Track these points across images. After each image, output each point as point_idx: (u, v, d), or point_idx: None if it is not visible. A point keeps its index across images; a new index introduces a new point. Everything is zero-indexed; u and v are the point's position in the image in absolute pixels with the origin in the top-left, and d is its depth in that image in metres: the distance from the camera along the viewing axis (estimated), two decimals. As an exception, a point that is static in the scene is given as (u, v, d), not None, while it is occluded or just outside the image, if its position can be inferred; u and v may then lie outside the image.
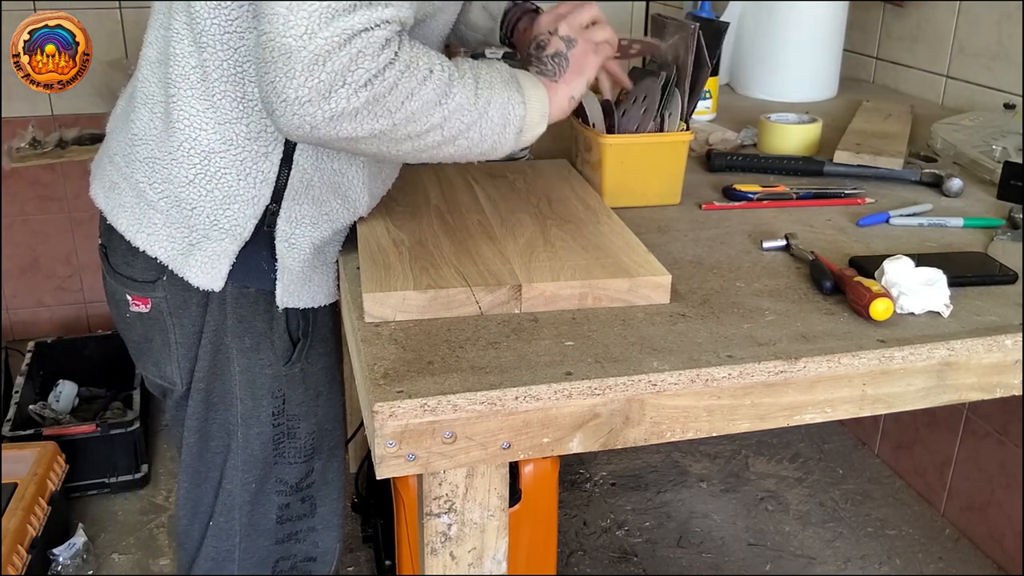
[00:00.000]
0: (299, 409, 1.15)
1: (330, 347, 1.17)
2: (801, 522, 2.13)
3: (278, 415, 1.14)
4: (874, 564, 2.00)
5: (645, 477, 2.29)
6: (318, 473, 1.21)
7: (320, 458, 1.21)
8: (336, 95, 0.81)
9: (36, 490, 1.90)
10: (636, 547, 2.04)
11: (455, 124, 0.90)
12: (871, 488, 2.26)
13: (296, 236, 1.04)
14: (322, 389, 1.17)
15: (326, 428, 1.20)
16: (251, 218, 1.01)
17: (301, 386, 1.14)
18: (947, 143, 1.53)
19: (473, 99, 0.91)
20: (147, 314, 1.10)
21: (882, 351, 0.87)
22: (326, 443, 1.21)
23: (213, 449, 1.17)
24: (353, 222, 1.09)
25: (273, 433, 1.15)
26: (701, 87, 1.24)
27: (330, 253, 1.09)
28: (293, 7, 0.79)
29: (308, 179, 1.01)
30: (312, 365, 1.14)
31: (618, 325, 0.90)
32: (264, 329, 1.09)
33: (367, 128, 0.85)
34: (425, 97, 0.87)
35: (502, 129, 0.94)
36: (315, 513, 1.23)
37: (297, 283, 1.06)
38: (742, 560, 2.01)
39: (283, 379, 1.12)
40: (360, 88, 0.82)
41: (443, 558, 0.87)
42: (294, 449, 1.17)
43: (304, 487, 1.21)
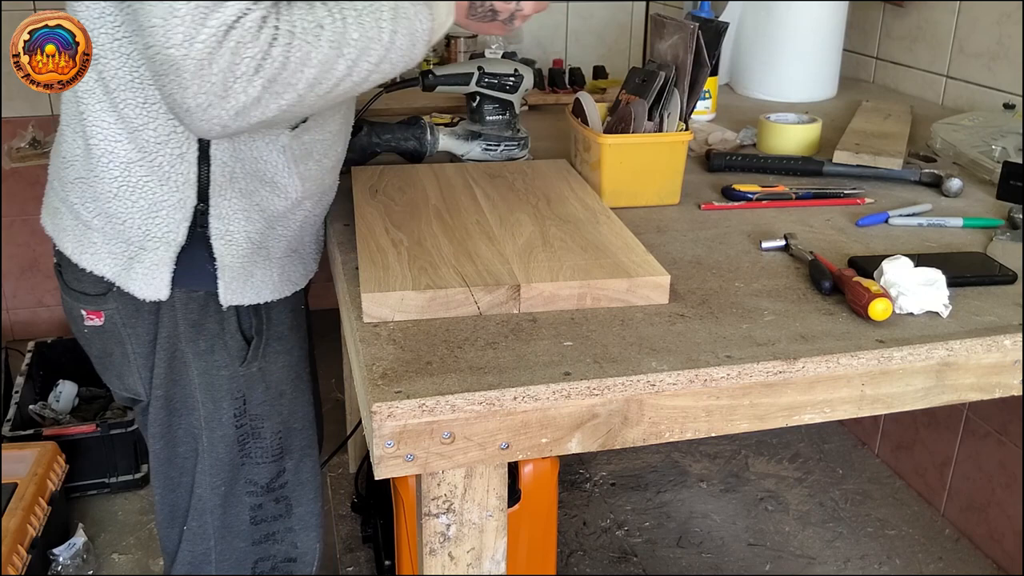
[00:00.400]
0: (261, 409, 1.15)
1: (290, 345, 1.16)
2: (801, 522, 2.13)
3: (240, 416, 1.14)
4: (874, 564, 2.00)
5: (645, 477, 2.29)
6: (291, 473, 1.21)
7: (291, 458, 1.20)
8: (232, 91, 0.81)
9: (36, 490, 1.90)
10: (636, 547, 2.04)
11: (363, 66, 0.88)
12: (871, 488, 2.26)
13: (231, 232, 1.03)
14: (285, 388, 1.17)
15: (294, 428, 1.19)
16: (182, 222, 1.01)
17: (261, 385, 1.14)
18: (947, 143, 1.52)
19: (376, 35, 0.87)
20: (102, 327, 1.10)
21: (881, 351, 0.87)
22: (296, 443, 1.20)
23: (182, 454, 1.17)
24: (291, 209, 1.08)
25: (237, 434, 1.15)
26: (700, 87, 1.25)
27: (273, 248, 1.09)
28: (167, 16, 0.77)
29: (230, 172, 1.01)
30: (271, 364, 1.14)
31: (617, 325, 0.90)
32: (216, 331, 1.09)
33: (275, 107, 0.84)
34: (322, 57, 0.84)
35: (411, 47, 0.92)
36: (291, 514, 1.23)
37: (239, 280, 1.06)
38: (742, 560, 2.01)
39: (241, 379, 1.12)
40: (252, 77, 0.81)
41: (442, 558, 0.87)
42: (260, 449, 1.17)
43: (276, 487, 1.20)
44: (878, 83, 2.24)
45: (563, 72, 1.91)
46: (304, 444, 1.22)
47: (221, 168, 1.00)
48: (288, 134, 1.02)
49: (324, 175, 1.11)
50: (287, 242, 1.11)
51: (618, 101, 1.29)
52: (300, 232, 1.13)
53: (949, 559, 2.02)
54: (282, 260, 1.11)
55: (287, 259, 1.12)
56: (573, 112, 1.33)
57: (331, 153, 1.10)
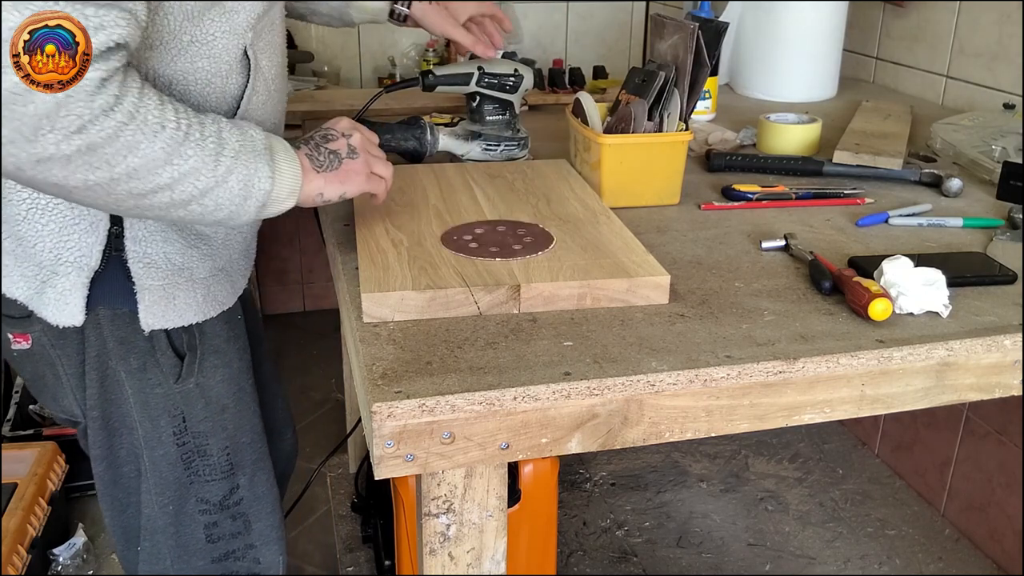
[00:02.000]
0: (203, 426, 1.11)
1: (228, 358, 1.12)
2: (801, 522, 2.13)
3: (180, 434, 1.10)
4: (874, 564, 2.00)
5: (645, 477, 2.29)
6: (246, 489, 1.18)
7: (244, 473, 1.17)
8: (42, 140, 0.75)
9: (36, 490, 1.90)
10: (636, 547, 2.04)
11: (187, 188, 0.84)
12: (871, 488, 2.26)
13: (149, 255, 1.00)
14: (227, 403, 1.13)
15: (242, 442, 1.16)
16: (95, 245, 0.98)
17: (200, 402, 1.10)
18: (947, 143, 1.52)
19: (212, 164, 0.85)
20: (31, 350, 1.07)
21: (881, 351, 0.87)
22: (247, 457, 1.17)
23: (127, 475, 1.14)
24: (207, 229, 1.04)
25: (179, 453, 1.11)
26: (700, 87, 1.25)
27: (196, 268, 1.05)
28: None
29: None
30: (209, 379, 1.10)
31: (617, 325, 0.90)
32: (147, 348, 1.05)
33: (81, 178, 0.79)
34: (151, 154, 0.81)
35: (242, 200, 0.89)
36: (251, 530, 1.20)
37: (160, 303, 1.03)
38: (742, 560, 2.01)
39: (177, 397, 1.08)
40: (72, 135, 0.76)
41: (441, 558, 0.87)
42: (208, 467, 1.14)
43: (231, 504, 1.17)
44: (878, 83, 2.24)
45: (563, 72, 1.91)
46: (256, 458, 1.18)
47: None
48: None
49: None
50: (212, 262, 1.07)
51: (618, 101, 1.29)
52: (225, 250, 1.09)
53: (949, 559, 2.02)
54: (207, 280, 1.07)
55: (212, 279, 1.08)
56: (573, 112, 1.33)
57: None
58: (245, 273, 1.17)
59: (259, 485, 1.20)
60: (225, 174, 0.86)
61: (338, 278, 1.07)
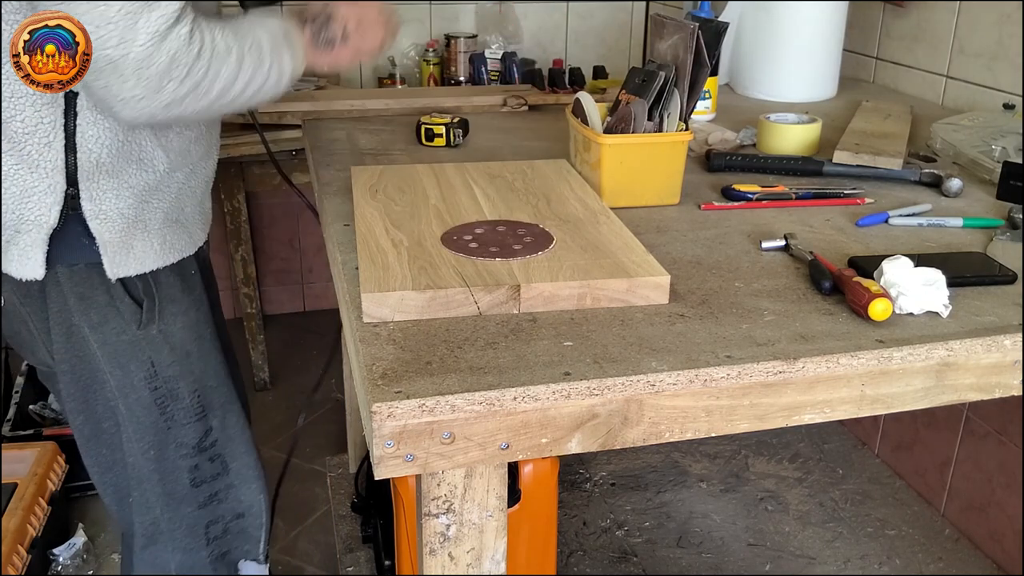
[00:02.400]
0: (172, 370, 1.20)
1: (184, 307, 1.21)
2: (801, 522, 2.13)
3: (152, 379, 1.19)
4: (874, 564, 2.00)
5: (645, 477, 2.29)
6: (218, 431, 1.26)
7: (215, 415, 1.25)
8: (165, 89, 0.97)
9: (36, 490, 1.91)
10: (636, 547, 2.04)
11: (250, 90, 1.06)
12: (871, 488, 2.26)
13: (104, 211, 1.10)
14: (190, 348, 1.22)
15: (209, 385, 1.24)
16: (53, 206, 1.08)
17: (165, 347, 1.19)
18: (947, 143, 1.52)
19: (264, 68, 1.07)
20: (5, 308, 1.17)
21: (881, 351, 0.87)
22: (215, 399, 1.25)
23: (107, 431, 1.21)
24: (161, 181, 1.15)
25: (153, 397, 1.19)
26: (700, 87, 1.24)
27: (150, 220, 1.15)
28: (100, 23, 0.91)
29: (96, 157, 1.07)
30: (170, 326, 1.19)
31: (617, 325, 0.90)
32: (106, 300, 1.14)
33: (191, 108, 1.01)
34: (228, 75, 1.02)
35: (278, 82, 1.10)
36: (228, 470, 1.28)
37: (120, 253, 1.12)
38: (742, 560, 2.01)
39: (143, 343, 1.17)
40: (183, 80, 0.98)
41: (441, 558, 0.87)
42: (182, 410, 1.22)
43: (208, 446, 1.25)
44: (878, 83, 2.24)
45: (563, 72, 1.91)
46: (223, 400, 1.27)
47: (87, 154, 1.07)
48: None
49: (189, 146, 1.18)
50: (164, 213, 1.17)
51: (618, 101, 1.29)
52: (178, 203, 1.19)
53: (949, 559, 2.02)
54: (162, 230, 1.17)
55: (167, 229, 1.18)
56: (573, 112, 1.33)
57: (192, 124, 1.18)
58: (203, 227, 1.28)
59: (230, 426, 1.28)
60: (269, 70, 1.08)
61: (338, 278, 1.07)
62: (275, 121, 1.81)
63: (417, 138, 1.55)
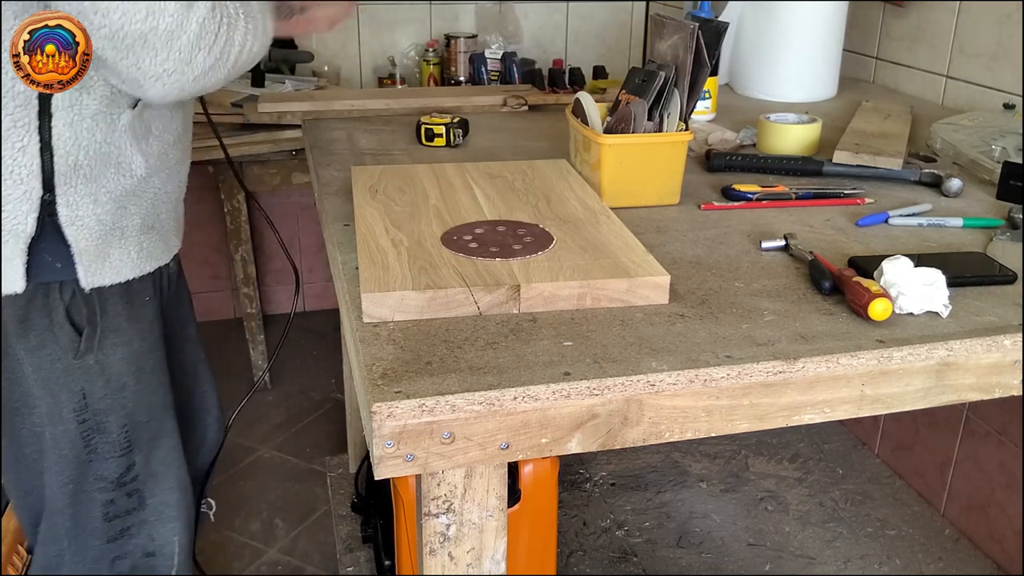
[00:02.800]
0: (104, 403, 1.14)
1: (128, 337, 1.15)
2: (801, 522, 2.13)
3: (81, 411, 1.13)
4: (874, 564, 2.00)
5: (645, 477, 2.29)
6: (141, 466, 1.20)
7: (140, 451, 1.19)
8: (195, 60, 0.97)
9: (36, 490, 1.90)
10: (636, 547, 2.04)
11: (250, 55, 1.06)
12: (871, 488, 2.26)
13: (81, 217, 1.06)
14: (127, 381, 1.16)
15: (140, 420, 1.18)
16: (29, 213, 1.03)
17: (100, 379, 1.13)
18: (947, 143, 1.52)
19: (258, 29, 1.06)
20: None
21: (881, 351, 0.87)
22: (144, 435, 1.19)
23: (29, 456, 1.16)
24: (139, 186, 1.11)
25: (80, 429, 1.14)
26: (700, 87, 1.25)
27: (127, 227, 1.11)
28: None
29: (73, 160, 1.03)
30: (109, 356, 1.13)
31: (617, 325, 0.90)
32: (46, 324, 1.09)
33: (215, 78, 1.01)
34: (240, 41, 1.02)
35: (264, 43, 1.09)
36: (144, 506, 1.22)
37: (96, 262, 1.09)
38: (742, 560, 2.01)
39: (77, 372, 1.12)
40: (211, 48, 0.98)
41: (441, 558, 0.87)
42: (107, 444, 1.16)
43: (127, 481, 1.19)
44: (878, 83, 2.24)
45: (563, 72, 1.91)
46: (152, 436, 1.21)
47: (64, 157, 1.03)
48: (129, 112, 1.06)
49: (167, 150, 1.15)
50: (140, 220, 1.13)
51: (618, 101, 1.29)
52: (154, 209, 1.16)
53: (949, 559, 2.02)
54: (139, 238, 1.13)
55: (144, 236, 1.14)
56: (573, 112, 1.33)
57: (170, 127, 1.15)
58: (177, 235, 1.25)
59: (156, 463, 1.22)
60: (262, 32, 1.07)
61: (338, 278, 1.07)
62: (275, 121, 1.81)
63: (417, 138, 1.55)
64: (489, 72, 2.82)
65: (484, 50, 2.87)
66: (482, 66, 2.81)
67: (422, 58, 2.92)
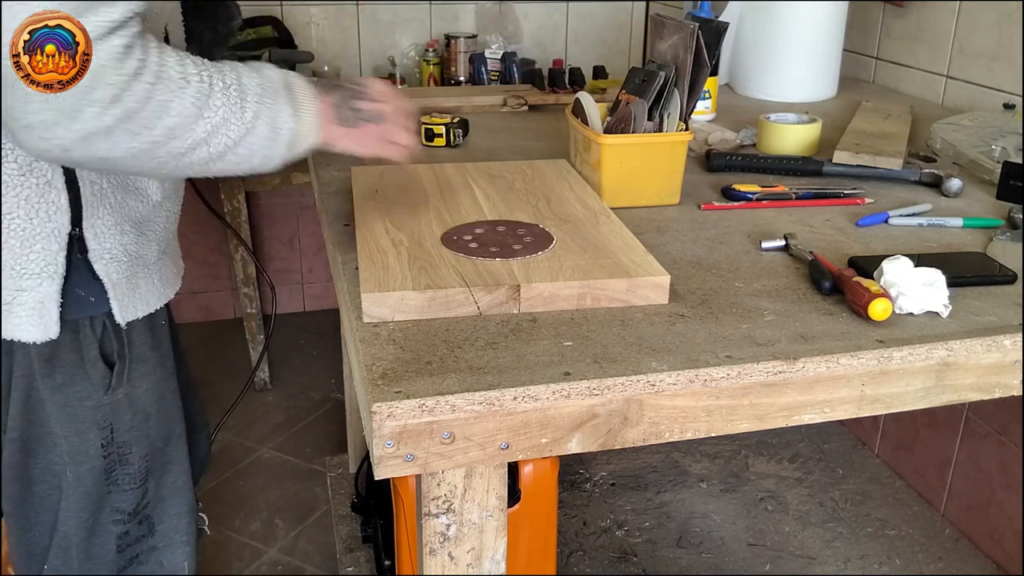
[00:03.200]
0: (129, 435, 1.10)
1: (152, 365, 1.11)
2: (801, 522, 2.13)
3: (107, 445, 1.09)
4: (874, 564, 2.00)
5: (645, 477, 2.29)
6: (152, 492, 1.16)
7: (153, 478, 1.16)
8: (83, 114, 0.77)
9: (36, 490, 1.90)
10: (636, 547, 2.04)
11: (221, 140, 0.86)
12: (871, 488, 2.26)
13: (110, 250, 1.01)
14: (151, 411, 1.12)
15: (157, 447, 1.15)
16: (58, 252, 0.97)
17: (128, 412, 1.09)
18: (947, 143, 1.52)
19: (239, 111, 0.86)
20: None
21: (881, 351, 0.87)
22: (158, 461, 1.16)
23: (39, 494, 1.11)
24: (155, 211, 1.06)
25: (104, 464, 1.09)
26: (700, 87, 1.25)
27: (148, 254, 1.07)
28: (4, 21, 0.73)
29: (99, 189, 0.98)
30: (136, 388, 1.09)
31: (617, 325, 0.90)
32: (75, 360, 1.03)
33: (125, 147, 0.81)
34: (183, 110, 0.82)
35: (272, 142, 0.90)
36: (154, 532, 1.18)
37: (128, 295, 1.04)
38: (742, 560, 2.01)
39: (107, 408, 1.07)
40: (110, 105, 0.78)
41: (441, 558, 0.87)
42: (128, 476, 1.12)
43: (140, 510, 1.15)
44: (878, 83, 2.24)
45: (563, 72, 1.91)
46: (165, 460, 1.17)
47: (91, 188, 0.97)
48: None
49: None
50: (157, 245, 1.09)
51: (618, 101, 1.29)
52: (165, 233, 1.11)
53: (949, 559, 2.02)
54: (158, 264, 1.09)
55: (160, 262, 1.10)
56: (573, 112, 1.33)
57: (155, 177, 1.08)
58: (180, 257, 1.20)
59: (165, 487, 1.18)
60: (253, 119, 0.87)
61: (338, 278, 1.07)
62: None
63: (417, 138, 1.55)
64: (489, 72, 2.82)
65: (484, 50, 2.87)
66: (482, 66, 2.81)
67: (422, 58, 2.92)
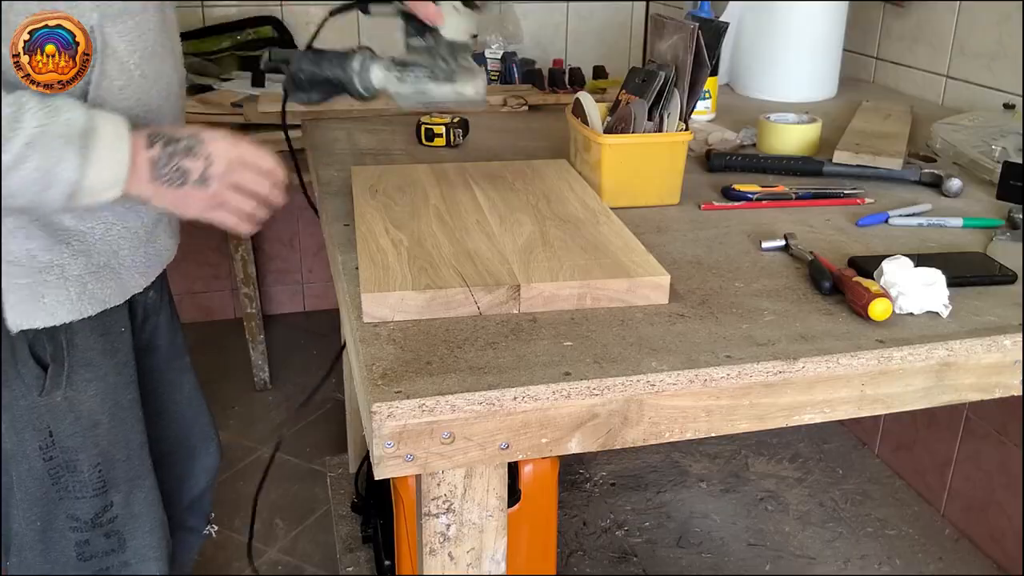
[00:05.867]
0: (73, 441, 1.08)
1: (102, 372, 1.08)
2: (801, 522, 2.13)
3: (47, 448, 1.07)
4: (874, 564, 2.00)
5: (645, 477, 2.29)
6: (120, 507, 1.15)
7: (118, 491, 1.14)
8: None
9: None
10: (636, 547, 2.04)
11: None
12: (871, 488, 2.26)
13: (12, 251, 0.98)
14: (100, 418, 1.09)
15: (117, 459, 1.13)
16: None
17: (69, 416, 1.07)
18: (947, 143, 1.52)
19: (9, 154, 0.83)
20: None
21: (881, 351, 0.87)
22: (121, 474, 1.14)
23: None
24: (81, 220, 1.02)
25: (46, 467, 1.08)
26: (700, 87, 1.25)
27: (68, 266, 1.02)
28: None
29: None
30: (80, 393, 1.07)
31: (617, 325, 0.90)
32: (8, 359, 1.02)
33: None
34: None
35: (42, 189, 0.86)
36: (125, 548, 1.17)
37: (27, 301, 1.00)
38: (742, 560, 2.01)
39: (43, 410, 1.05)
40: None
41: (441, 558, 0.87)
42: (78, 483, 1.10)
43: (104, 522, 1.14)
44: (878, 83, 2.24)
45: (563, 72, 1.91)
46: (132, 475, 1.15)
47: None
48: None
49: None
50: (87, 259, 1.03)
51: (618, 101, 1.29)
52: (106, 246, 1.05)
53: (949, 559, 2.02)
54: (82, 278, 1.03)
55: (89, 276, 1.04)
56: (573, 112, 1.33)
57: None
58: (144, 271, 1.12)
59: (136, 503, 1.17)
60: (16, 161, 0.83)
61: (338, 278, 1.07)
62: (275, 121, 1.81)
63: (417, 138, 1.55)
64: (489, 72, 2.82)
65: (484, 50, 2.87)
66: (482, 66, 2.81)
67: (422, 58, 2.91)
